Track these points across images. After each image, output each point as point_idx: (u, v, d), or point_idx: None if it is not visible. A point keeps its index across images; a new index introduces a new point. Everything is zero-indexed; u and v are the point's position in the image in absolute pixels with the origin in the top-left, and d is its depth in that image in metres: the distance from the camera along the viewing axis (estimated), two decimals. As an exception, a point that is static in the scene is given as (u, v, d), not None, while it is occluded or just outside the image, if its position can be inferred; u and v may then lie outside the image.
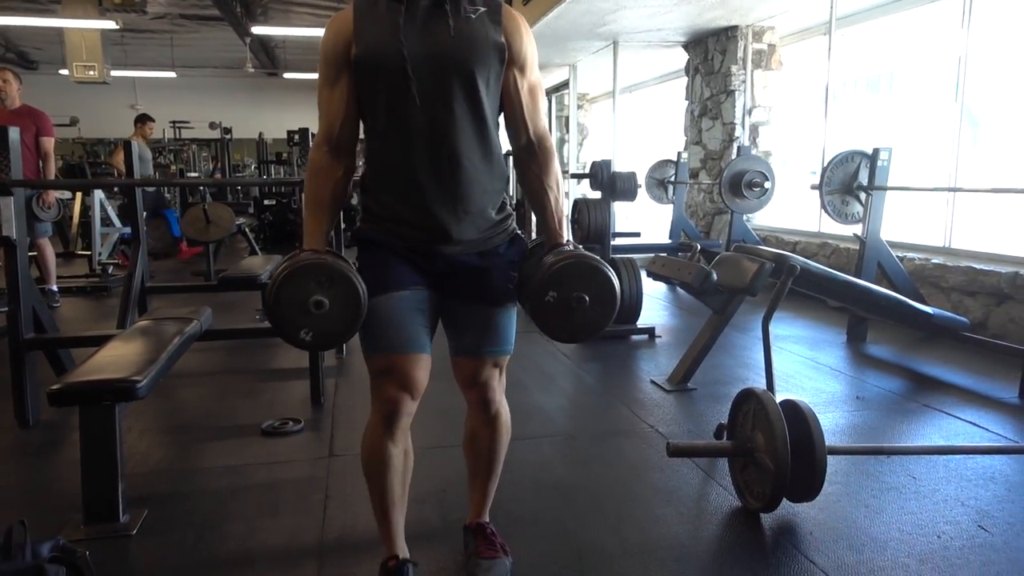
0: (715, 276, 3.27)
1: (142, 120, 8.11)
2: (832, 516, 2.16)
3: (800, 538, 2.04)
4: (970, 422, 2.96)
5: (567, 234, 1.71)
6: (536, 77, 1.66)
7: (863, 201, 4.43)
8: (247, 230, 7.76)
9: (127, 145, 4.31)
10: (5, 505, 2.35)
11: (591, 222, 4.69)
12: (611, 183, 4.56)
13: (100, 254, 6.93)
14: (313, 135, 2.86)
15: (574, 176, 6.13)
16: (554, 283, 1.55)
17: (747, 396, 2.25)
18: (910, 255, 4.85)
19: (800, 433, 2.09)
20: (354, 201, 6.50)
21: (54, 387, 2.11)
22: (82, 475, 2.14)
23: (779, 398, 2.18)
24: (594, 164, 4.75)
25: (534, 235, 4.98)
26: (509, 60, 1.58)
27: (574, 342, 1.75)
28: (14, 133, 2.92)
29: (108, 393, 2.13)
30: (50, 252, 5.68)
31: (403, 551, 1.70)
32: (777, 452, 2.01)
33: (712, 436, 2.80)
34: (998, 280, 4.20)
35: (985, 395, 3.33)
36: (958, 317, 3.77)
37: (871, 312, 3.92)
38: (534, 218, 1.76)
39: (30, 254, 5.84)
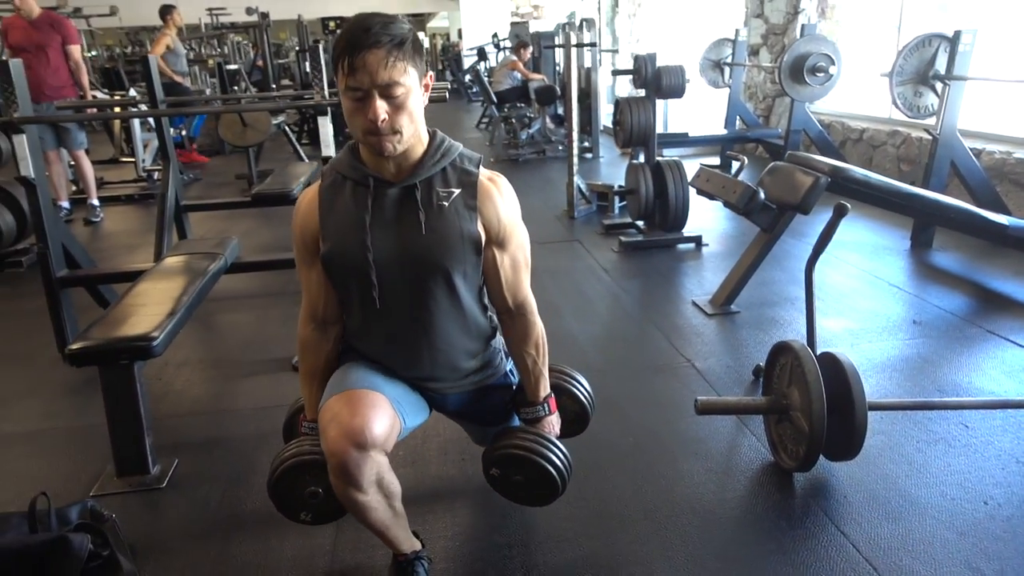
0: (762, 195, 3.02)
1: (168, 11, 7.77)
2: (871, 474, 2.04)
3: (833, 503, 1.94)
4: (1037, 354, 2.73)
5: (543, 391, 1.68)
6: (519, 242, 1.55)
7: (939, 92, 3.96)
8: (287, 128, 7.61)
9: (147, 62, 4.13)
10: (50, 448, 2.44)
11: (633, 124, 4.37)
12: (656, 79, 4.20)
13: (144, 160, 6.95)
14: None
15: (615, 73, 5.62)
16: (497, 463, 1.65)
17: (783, 349, 2.09)
18: (989, 147, 4.39)
19: (839, 391, 1.94)
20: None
21: (73, 347, 2.11)
22: (109, 431, 2.18)
23: (821, 348, 2.03)
24: (637, 59, 4.35)
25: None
26: (487, 242, 1.49)
27: (524, 505, 1.82)
28: (16, 67, 2.80)
29: (125, 353, 2.13)
30: (87, 165, 5.66)
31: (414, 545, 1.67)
32: (813, 415, 1.88)
33: (751, 374, 2.68)
34: (1090, 179, 3.77)
35: (1058, 318, 3.06)
36: (1038, 227, 3.42)
37: (939, 223, 3.60)
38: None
39: (70, 164, 5.89)
